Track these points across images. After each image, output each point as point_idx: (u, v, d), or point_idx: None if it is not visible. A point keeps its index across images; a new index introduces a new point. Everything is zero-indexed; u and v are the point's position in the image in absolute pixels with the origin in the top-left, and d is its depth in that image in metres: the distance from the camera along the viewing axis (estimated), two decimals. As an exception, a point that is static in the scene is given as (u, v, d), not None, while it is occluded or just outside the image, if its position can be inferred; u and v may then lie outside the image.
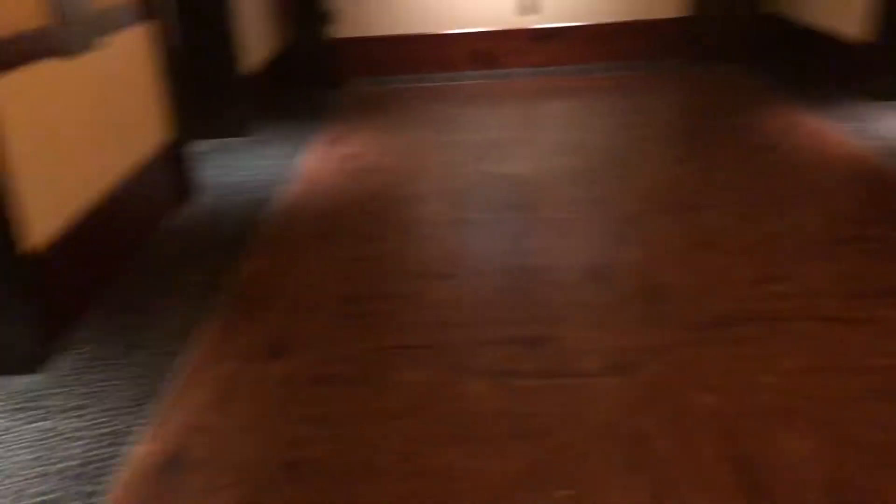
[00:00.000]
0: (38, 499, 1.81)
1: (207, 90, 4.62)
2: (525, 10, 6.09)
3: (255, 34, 5.21)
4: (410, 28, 6.15)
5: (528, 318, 2.50)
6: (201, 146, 4.55)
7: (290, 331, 2.49)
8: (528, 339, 2.37)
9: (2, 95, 2.23)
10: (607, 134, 4.48)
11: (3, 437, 2.02)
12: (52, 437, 2.02)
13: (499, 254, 2.98)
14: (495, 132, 4.61)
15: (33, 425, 2.06)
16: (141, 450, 1.96)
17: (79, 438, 2.01)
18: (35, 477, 1.88)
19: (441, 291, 2.71)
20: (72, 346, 2.45)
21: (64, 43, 2.61)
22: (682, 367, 2.19)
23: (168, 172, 3.51)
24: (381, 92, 5.80)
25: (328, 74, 5.92)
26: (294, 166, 4.14)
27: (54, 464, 1.92)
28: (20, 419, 2.09)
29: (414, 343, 2.39)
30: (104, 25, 2.94)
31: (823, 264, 2.75)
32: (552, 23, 6.13)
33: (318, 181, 3.90)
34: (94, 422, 2.07)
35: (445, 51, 6.19)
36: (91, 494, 1.81)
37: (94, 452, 1.95)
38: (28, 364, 2.29)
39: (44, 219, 2.44)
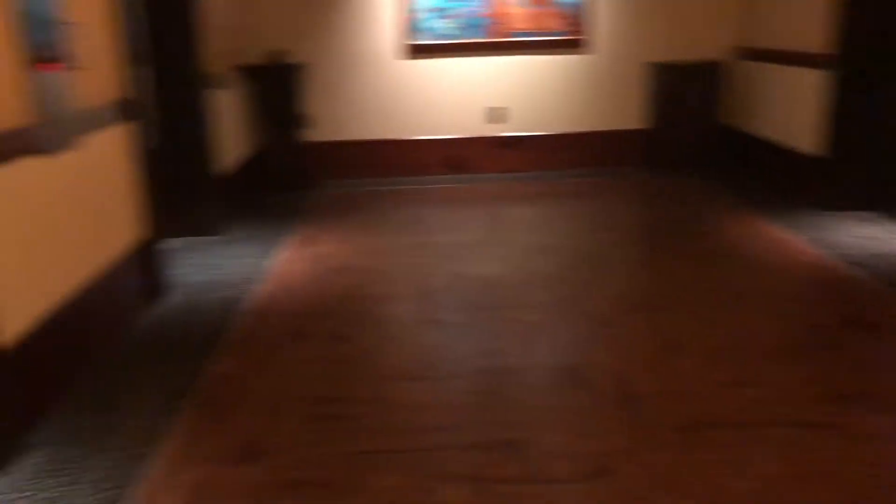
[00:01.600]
0: None
1: (182, 189, 4.66)
2: (493, 118, 6.32)
3: (230, 136, 5.31)
4: (383, 133, 6.33)
5: (502, 421, 2.49)
6: (173, 244, 4.55)
7: (260, 434, 2.44)
8: (501, 444, 2.35)
9: (-19, 193, 2.24)
10: (574, 237, 4.59)
11: (-43, 546, 1.93)
12: (9, 546, 1.93)
13: (471, 355, 2.99)
14: (465, 234, 4.70)
15: (-11, 534, 1.98)
16: (103, 560, 1.88)
17: (37, 548, 1.92)
18: (-11, 590, 1.79)
19: (413, 394, 2.69)
20: (34, 447, 2.37)
21: (44, 141, 2.64)
22: (654, 471, 2.19)
23: (140, 270, 3.50)
24: (354, 194, 5.89)
25: (301, 176, 6.01)
26: (265, 266, 4.15)
27: (10, 576, 1.83)
28: (-25, 527, 2.01)
29: (386, 447, 2.36)
30: (84, 125, 2.99)
31: (788, 369, 2.80)
32: (519, 131, 6.36)
33: (289, 281, 3.91)
34: (55, 530, 1.99)
35: (417, 155, 6.36)
36: None
37: (54, 563, 1.87)
38: (-12, 468, 2.21)
39: (13, 316, 2.40)
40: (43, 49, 2.65)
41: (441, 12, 6.11)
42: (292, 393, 2.72)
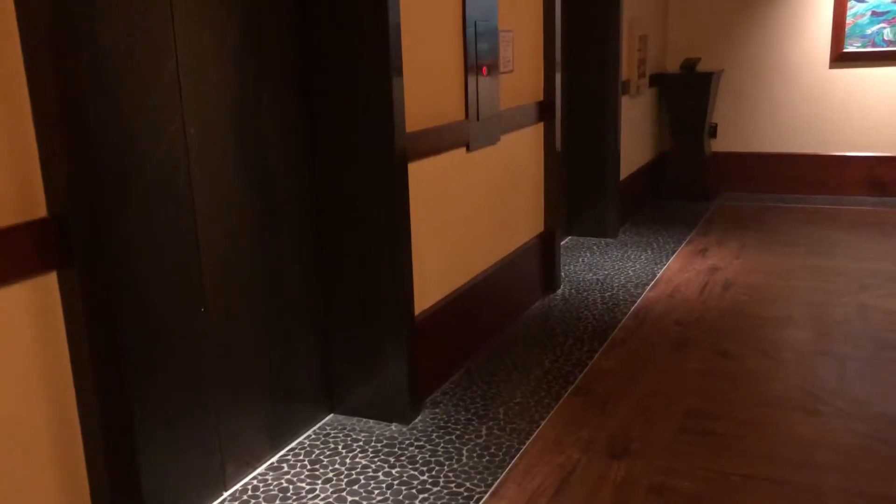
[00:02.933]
0: (388, 536, 2.00)
1: (583, 190, 4.88)
2: (936, 135, 5.50)
3: (634, 142, 5.40)
4: (797, 147, 5.89)
5: (906, 477, 2.19)
6: (570, 241, 4.79)
7: (632, 434, 2.47)
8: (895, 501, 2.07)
9: (417, 176, 2.60)
10: None
11: (366, 475, 2.29)
12: (403, 485, 2.23)
13: (877, 398, 2.66)
14: (883, 263, 4.17)
15: (392, 471, 2.30)
16: (479, 515, 2.08)
17: (427, 492, 2.19)
18: (388, 516, 2.09)
19: (797, 426, 2.49)
20: (432, 406, 2.70)
21: (473, 137, 2.97)
22: None
23: (537, 262, 3.75)
24: (756, 208, 5.59)
25: (702, 186, 5.88)
26: (654, 271, 4.16)
27: (405, 508, 2.12)
28: (382, 463, 2.35)
29: (759, 475, 2.22)
30: (507, 124, 3.29)
31: None
32: (969, 151, 5.45)
33: (677, 289, 3.86)
34: (442, 480, 2.24)
35: (834, 173, 5.81)
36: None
37: (439, 507, 2.12)
38: (399, 415, 2.58)
39: (428, 291, 2.76)
40: (481, 55, 2.98)
41: (884, 16, 5.47)
42: (668, 400, 2.70)
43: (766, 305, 3.61)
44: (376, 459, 2.36)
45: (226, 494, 2.21)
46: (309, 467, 2.33)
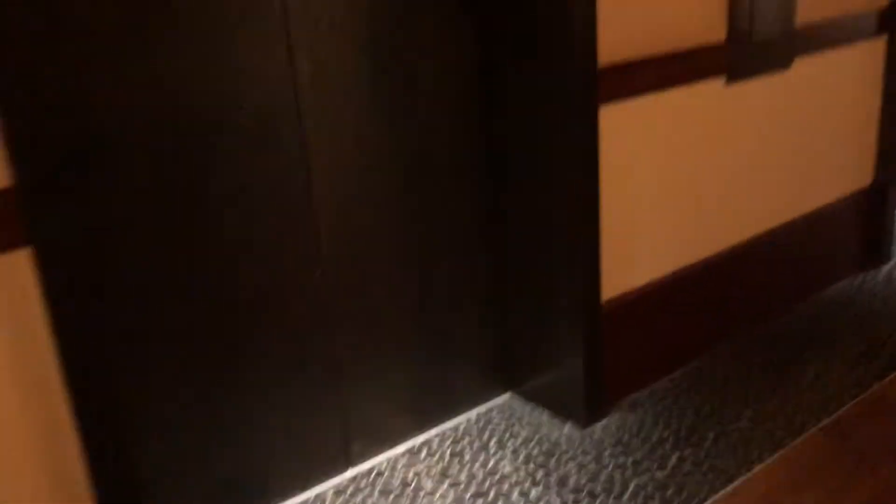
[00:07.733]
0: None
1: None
2: None
3: None
4: None
5: None
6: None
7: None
8: None
9: (631, 118, 1.98)
10: None
11: (498, 489, 1.88)
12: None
13: None
14: None
15: (531, 490, 1.86)
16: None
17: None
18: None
19: None
20: (629, 409, 2.15)
21: (739, 64, 2.20)
22: None
23: (851, 227, 2.80)
24: None
25: None
26: None
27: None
28: (527, 477, 1.92)
29: None
30: (811, 41, 2.40)
31: None
32: None
33: None
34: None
35: None
36: None
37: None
38: (575, 414, 2.10)
39: (640, 268, 2.15)
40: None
41: None
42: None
43: None
44: (522, 471, 1.94)
45: (346, 475, 1.98)
46: (447, 460, 2.00)
